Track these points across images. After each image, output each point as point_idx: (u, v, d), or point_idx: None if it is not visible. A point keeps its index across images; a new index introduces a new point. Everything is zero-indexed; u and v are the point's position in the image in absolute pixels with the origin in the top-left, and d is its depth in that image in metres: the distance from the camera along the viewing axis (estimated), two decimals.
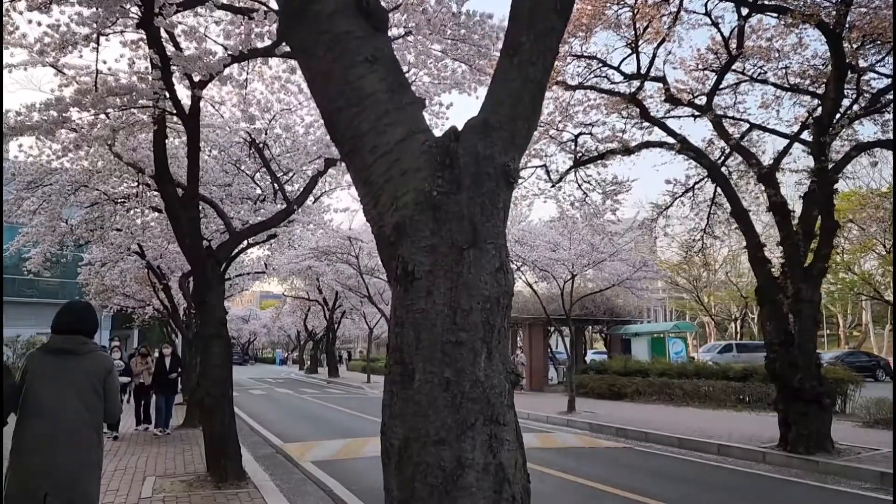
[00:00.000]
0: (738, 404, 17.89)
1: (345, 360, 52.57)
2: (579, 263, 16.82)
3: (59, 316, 3.83)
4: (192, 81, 6.88)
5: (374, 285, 30.75)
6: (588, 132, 13.59)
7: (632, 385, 20.72)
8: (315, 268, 32.37)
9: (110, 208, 12.79)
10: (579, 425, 15.37)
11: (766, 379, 17.88)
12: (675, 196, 14.40)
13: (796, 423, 10.46)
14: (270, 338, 74.40)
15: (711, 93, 11.34)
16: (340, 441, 12.65)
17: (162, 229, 13.24)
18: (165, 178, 7.84)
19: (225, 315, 8.05)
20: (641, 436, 13.34)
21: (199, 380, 7.88)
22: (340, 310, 41.06)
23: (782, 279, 10.59)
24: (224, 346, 7.85)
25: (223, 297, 8.20)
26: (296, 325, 55.09)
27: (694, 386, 19.13)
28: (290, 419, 17.72)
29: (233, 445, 7.92)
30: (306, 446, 12.09)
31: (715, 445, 11.72)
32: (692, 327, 32.57)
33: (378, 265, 30.63)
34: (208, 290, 7.79)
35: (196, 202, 7.77)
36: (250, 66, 8.09)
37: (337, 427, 15.61)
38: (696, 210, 14.57)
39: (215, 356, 7.79)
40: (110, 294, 25.50)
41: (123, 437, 12.58)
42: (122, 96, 6.37)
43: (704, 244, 14.68)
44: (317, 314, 46.54)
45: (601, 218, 14.66)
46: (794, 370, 10.42)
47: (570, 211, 14.57)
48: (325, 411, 19.72)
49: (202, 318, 7.89)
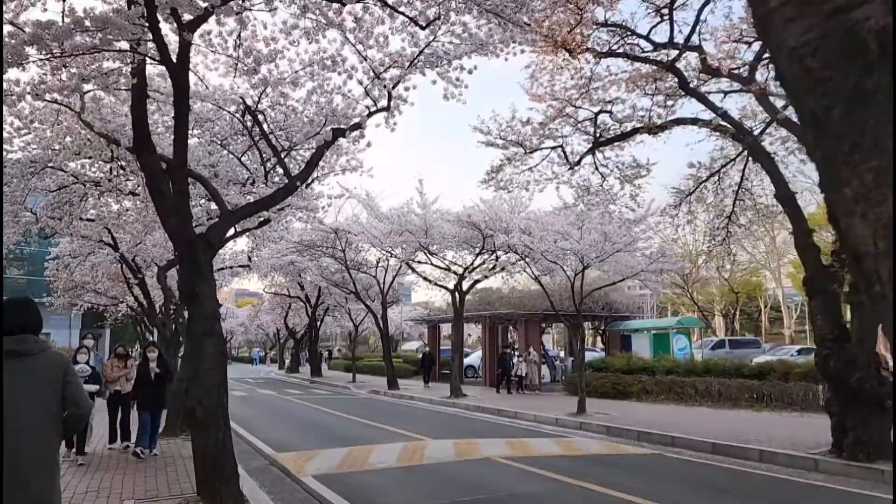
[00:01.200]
0: (754, 404, 16.92)
1: (325, 359, 51.08)
2: (591, 254, 15.68)
3: (7, 315, 3.44)
4: (181, 22, 5.61)
5: (360, 280, 29.43)
6: (608, 110, 12.50)
7: (638, 383, 19.68)
8: (298, 263, 30.98)
9: (80, 190, 11.39)
10: (594, 429, 14.26)
11: (785, 376, 17.02)
12: (699, 181, 13.36)
13: (854, 427, 9.43)
14: (248, 336, 72.53)
15: (755, 63, 10.26)
16: (341, 450, 11.39)
17: (138, 215, 11.83)
18: (146, 146, 6.55)
19: (218, 308, 6.78)
20: (668, 440, 12.25)
21: (189, 385, 6.59)
22: (323, 307, 39.64)
23: (838, 267, 9.54)
24: (218, 346, 6.58)
25: (215, 287, 6.93)
26: (275, 323, 53.45)
27: (706, 384, 18.13)
28: (278, 424, 16.39)
29: (229, 465, 6.65)
30: (304, 456, 10.81)
31: (755, 451, 10.65)
32: (697, 323, 31.64)
33: (365, 259, 29.36)
34: (199, 278, 6.51)
35: (185, 172, 6.49)
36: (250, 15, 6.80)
37: (332, 432, 14.33)
38: (721, 196, 13.54)
39: (208, 357, 6.51)
40: (80, 291, 23.97)
41: (95, 455, 10.29)
42: (95, 34, 5.09)
43: (729, 233, 13.65)
44: (298, 311, 45.04)
45: (618, 204, 13.59)
46: (852, 369, 9.38)
47: (587, 197, 13.45)
48: (314, 414, 18.41)
49: (191, 313, 6.62)
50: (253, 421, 16.64)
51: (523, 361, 22.91)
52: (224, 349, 6.89)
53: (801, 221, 10.16)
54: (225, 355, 6.91)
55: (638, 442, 12.70)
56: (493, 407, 18.39)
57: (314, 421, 16.77)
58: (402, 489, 8.58)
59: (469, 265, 22.51)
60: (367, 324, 39.86)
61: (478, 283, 24.19)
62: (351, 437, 13.33)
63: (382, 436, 13.48)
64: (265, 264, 30.03)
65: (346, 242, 26.57)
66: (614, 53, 10.59)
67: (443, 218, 21.01)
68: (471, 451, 11.07)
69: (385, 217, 21.94)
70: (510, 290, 36.86)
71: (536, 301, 25.87)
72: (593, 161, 12.97)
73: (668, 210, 13.47)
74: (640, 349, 25.05)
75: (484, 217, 19.01)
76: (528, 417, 16.46)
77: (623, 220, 13.56)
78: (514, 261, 21.80)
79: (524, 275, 37.45)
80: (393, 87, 8.59)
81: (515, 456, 10.59)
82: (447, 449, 11.37)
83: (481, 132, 12.39)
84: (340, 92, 8.96)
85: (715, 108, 10.63)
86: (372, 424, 15.43)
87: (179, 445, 11.36)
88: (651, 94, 12.00)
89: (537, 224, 16.81)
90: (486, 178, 12.95)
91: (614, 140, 12.23)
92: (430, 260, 23.13)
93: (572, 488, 8.39)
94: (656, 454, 11.29)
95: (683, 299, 54.29)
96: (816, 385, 16.16)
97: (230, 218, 7.20)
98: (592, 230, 15.84)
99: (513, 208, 19.87)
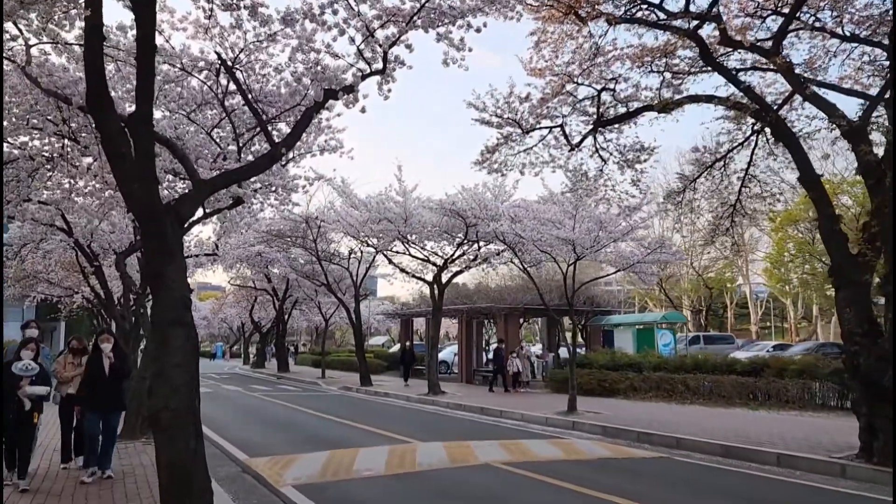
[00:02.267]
0: (748, 402, 16.27)
1: (291, 353, 49.58)
2: (585, 243, 14.76)
3: None
4: None
5: (332, 272, 28.27)
6: (612, 87, 11.60)
7: (625, 380, 18.91)
8: (266, 254, 29.65)
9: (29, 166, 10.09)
10: (588, 428, 13.41)
11: (780, 373, 16.40)
12: (704, 165, 12.55)
13: (884, 429, 8.68)
14: (210, 330, 70.47)
15: (780, 34, 9.44)
16: (321, 454, 10.31)
17: (95, 191, 10.55)
18: (103, 100, 5.41)
19: (189, 294, 5.69)
20: (671, 442, 11.43)
21: (153, 383, 5.49)
22: (291, 300, 38.34)
23: (870, 256, 8.77)
24: (188, 338, 5.49)
25: (185, 269, 5.83)
26: (240, 317, 51.84)
27: (697, 381, 17.44)
28: (248, 423, 15.23)
29: (200, 477, 5.56)
30: (280, 462, 9.72)
31: (772, 455, 9.87)
32: (682, 318, 31.02)
33: (337, 250, 28.21)
34: (167, 258, 5.42)
35: (150, 129, 5.37)
36: None
37: (308, 433, 13.23)
38: (726, 183, 12.76)
39: (176, 351, 5.42)
40: (32, 282, 22.43)
41: (41, 478, 8.07)
42: None
43: (734, 222, 12.88)
44: (264, 305, 43.64)
45: (617, 190, 12.72)
46: (884, 366, 8.63)
47: (585, 182, 12.55)
48: (286, 412, 17.25)
49: (157, 299, 5.52)
50: (220, 420, 15.46)
51: (517, 357, 21.76)
52: (196, 342, 5.79)
53: (826, 206, 9.38)
54: (197, 349, 5.81)
55: (639, 443, 11.88)
56: (476, 405, 17.45)
57: (287, 420, 15.63)
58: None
59: (450, 256, 21.49)
60: (336, 318, 38.66)
61: (458, 275, 23.18)
62: (329, 439, 12.28)
63: (363, 437, 12.45)
64: (231, 255, 28.64)
65: (318, 232, 25.38)
66: (631, 19, 9.67)
67: (424, 206, 19.93)
68: (466, 456, 10.09)
69: (362, 204, 20.79)
70: (476, 286, 35.93)
71: (517, 295, 25.02)
72: (594, 143, 12.08)
73: (672, 196, 12.65)
74: (622, 345, 24.34)
75: (470, 204, 17.98)
76: (514, 416, 15.55)
77: (623, 207, 12.65)
78: (498, 251, 20.84)
79: (501, 270, 36.68)
80: (389, 46, 7.56)
81: (516, 461, 9.63)
82: (439, 453, 10.37)
83: (476, 108, 11.39)
84: (330, 51, 7.89)
85: (738, 81, 9.77)
86: (350, 424, 14.37)
87: (141, 452, 10.17)
88: (659, 71, 11.15)
89: (527, 212, 15.84)
90: (480, 160, 11.96)
91: (620, 119, 11.34)
92: (409, 250, 22.07)
93: (589, 500, 7.46)
94: (664, 457, 10.45)
95: (651, 294, 54.02)
96: (813, 382, 15.58)
97: (204, 188, 6.09)
98: (587, 218, 14.93)
99: (496, 196, 18.89)
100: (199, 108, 8.87)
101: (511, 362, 21.33)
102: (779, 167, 12.51)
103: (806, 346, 31.56)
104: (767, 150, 12.14)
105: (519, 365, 21.46)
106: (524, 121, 11.75)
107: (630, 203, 12.78)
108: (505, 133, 11.60)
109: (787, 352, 28.40)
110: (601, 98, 11.62)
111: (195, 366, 5.70)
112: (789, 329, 57.34)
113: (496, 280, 34.65)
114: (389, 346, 61.20)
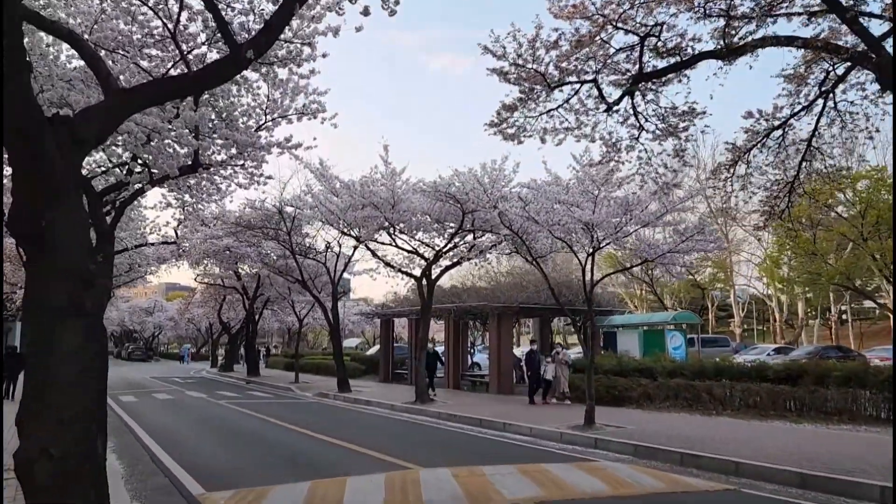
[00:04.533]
0: (785, 413, 14.32)
1: (262, 356, 46.84)
2: (609, 229, 12.61)
3: None
4: None
5: (308, 268, 25.91)
6: (657, 34, 9.55)
7: (637, 387, 16.89)
8: (235, 248, 27.11)
9: None
10: (615, 447, 11.32)
11: (821, 380, 14.50)
12: (758, 134, 10.56)
13: None
14: (178, 332, 67.39)
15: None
16: (299, 486, 8.05)
17: None
18: None
19: (93, 266, 3.48)
20: (728, 467, 9.36)
21: (26, 412, 3.27)
22: (262, 299, 35.82)
23: None
24: (90, 336, 3.30)
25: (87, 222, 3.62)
26: (207, 318, 49.03)
27: (723, 389, 15.47)
28: (210, 439, 12.91)
29: None
30: (247, 498, 7.46)
31: (873, 488, 7.85)
32: (695, 318, 29.02)
33: (314, 243, 25.89)
34: (51, 199, 3.20)
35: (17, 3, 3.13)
36: None
37: (281, 452, 10.95)
38: (784, 156, 10.78)
39: (68, 359, 3.22)
40: None
41: None
42: None
43: (791, 202, 10.91)
44: (233, 304, 41.05)
45: (653, 163, 10.67)
46: None
47: (617, 154, 10.48)
48: (256, 425, 14.90)
49: (37, 271, 3.30)
50: (177, 435, 13.13)
51: (550, 362, 18.18)
52: (104, 343, 3.58)
53: None
54: (104, 356, 3.60)
55: (684, 467, 9.81)
56: (472, 416, 15.28)
57: (256, 435, 13.29)
58: None
59: (442, 248, 19.25)
60: (310, 319, 36.19)
61: (449, 270, 20.97)
62: (309, 461, 10.04)
63: (350, 459, 10.23)
64: (197, 250, 26.14)
65: (292, 224, 23.04)
66: None
67: (414, 189, 17.63)
68: (484, 489, 7.91)
69: (344, 188, 18.43)
70: (463, 285, 33.88)
71: (510, 293, 22.92)
72: (631, 104, 10.01)
73: (720, 170, 10.63)
74: (627, 347, 22.33)
75: (472, 185, 15.76)
76: (521, 430, 13.40)
77: (661, 184, 10.57)
78: (494, 242, 18.64)
79: (489, 269, 34.59)
80: None
81: (553, 499, 7.48)
82: (449, 485, 8.16)
83: (493, 55, 9.21)
84: None
85: (843, 9, 7.71)
86: (331, 441, 12.12)
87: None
88: (720, 15, 9.12)
89: (538, 193, 13.64)
90: (495, 122, 9.83)
91: (668, 71, 9.28)
92: (395, 241, 19.79)
93: None
94: (730, 489, 8.38)
95: (642, 294, 52.36)
96: (862, 391, 13.68)
97: (120, 99, 3.86)
98: (610, 199, 12.77)
99: (493, 180, 16.68)
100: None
101: (544, 369, 18.04)
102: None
103: (809, 350, 30.02)
104: (835, 117, 10.21)
105: (551, 372, 18.04)
106: (549, 75, 9.64)
107: (668, 179, 10.67)
108: (527, 87, 9.47)
109: (790, 355, 26.85)
110: (644, 47, 9.55)
111: (101, 382, 3.46)
112: (771, 332, 56.13)
113: (485, 280, 32.58)
114: (365, 348, 58.75)
